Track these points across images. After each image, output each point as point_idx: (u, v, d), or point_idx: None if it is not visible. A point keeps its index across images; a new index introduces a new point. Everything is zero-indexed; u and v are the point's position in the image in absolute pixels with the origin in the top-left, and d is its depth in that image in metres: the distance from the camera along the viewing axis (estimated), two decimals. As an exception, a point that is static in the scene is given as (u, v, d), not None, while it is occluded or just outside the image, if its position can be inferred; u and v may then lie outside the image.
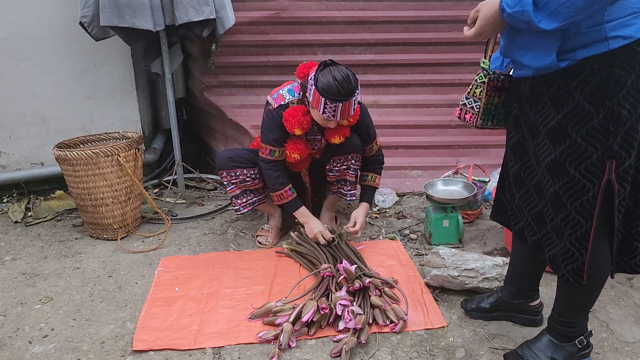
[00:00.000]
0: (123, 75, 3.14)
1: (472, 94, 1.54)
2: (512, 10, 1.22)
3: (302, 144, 2.29)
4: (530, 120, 1.42)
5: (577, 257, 1.38)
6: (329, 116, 2.08)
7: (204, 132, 3.78)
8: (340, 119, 2.10)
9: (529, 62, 1.33)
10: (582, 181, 1.32)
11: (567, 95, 1.29)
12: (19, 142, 3.12)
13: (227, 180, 2.41)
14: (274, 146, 2.27)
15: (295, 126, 2.20)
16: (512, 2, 1.22)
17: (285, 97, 2.25)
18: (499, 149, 3.18)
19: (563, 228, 1.39)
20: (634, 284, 2.09)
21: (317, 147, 2.41)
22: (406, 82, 3.29)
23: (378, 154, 2.52)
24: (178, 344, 1.78)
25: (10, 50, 2.93)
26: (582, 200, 1.34)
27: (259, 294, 2.07)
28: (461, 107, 1.58)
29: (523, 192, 1.54)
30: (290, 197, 2.31)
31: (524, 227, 1.58)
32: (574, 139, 1.30)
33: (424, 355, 1.71)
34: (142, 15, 2.52)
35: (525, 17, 1.20)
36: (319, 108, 2.08)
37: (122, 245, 2.56)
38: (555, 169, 1.36)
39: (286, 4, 3.15)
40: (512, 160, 1.56)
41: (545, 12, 1.17)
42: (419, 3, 3.21)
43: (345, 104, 2.04)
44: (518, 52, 1.37)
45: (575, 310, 1.54)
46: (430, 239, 2.46)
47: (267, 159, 2.29)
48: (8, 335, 1.88)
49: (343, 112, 2.07)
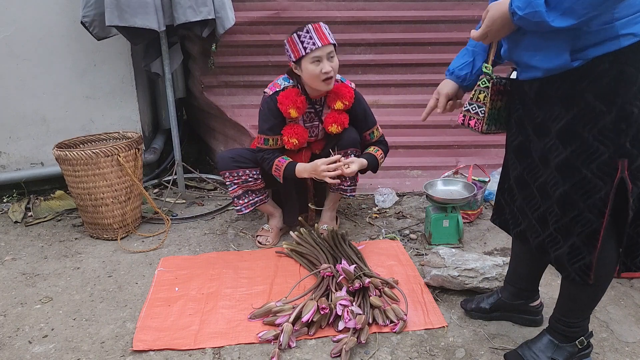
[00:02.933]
0: (123, 75, 3.14)
1: (475, 99, 1.52)
2: (524, 13, 1.20)
3: (299, 127, 2.33)
4: (537, 121, 1.41)
5: (585, 255, 1.37)
6: (311, 47, 2.13)
7: (204, 132, 3.78)
8: (321, 44, 2.14)
9: (539, 63, 1.32)
10: (595, 180, 1.31)
11: (577, 94, 1.28)
12: (19, 142, 3.12)
13: (229, 181, 2.41)
14: (267, 135, 2.32)
15: (290, 106, 2.26)
16: (522, 4, 1.20)
17: (280, 84, 2.33)
18: (499, 149, 3.18)
19: (572, 227, 1.38)
20: (634, 284, 2.09)
21: (316, 134, 2.43)
22: (406, 82, 3.29)
23: (381, 140, 2.52)
24: (178, 344, 1.78)
25: (10, 50, 2.93)
26: (594, 198, 1.32)
27: (259, 294, 2.07)
28: (464, 113, 1.55)
29: (526, 194, 1.52)
30: (285, 162, 2.30)
31: (526, 230, 1.56)
32: (585, 138, 1.29)
33: (424, 355, 1.71)
34: (144, 14, 2.52)
35: (537, 18, 1.18)
36: (299, 50, 2.16)
37: (122, 245, 2.56)
38: (566, 169, 1.35)
39: (286, 4, 3.15)
40: (514, 163, 1.55)
41: (559, 10, 1.15)
42: (419, 3, 3.20)
43: (314, 25, 2.16)
44: (525, 54, 1.36)
45: (579, 311, 1.53)
46: (430, 239, 2.46)
47: (261, 147, 2.34)
48: (8, 335, 1.88)
49: (319, 35, 2.14)
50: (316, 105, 2.38)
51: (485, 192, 2.79)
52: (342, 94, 2.31)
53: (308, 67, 2.17)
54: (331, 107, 2.34)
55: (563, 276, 1.47)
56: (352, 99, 2.34)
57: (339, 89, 2.32)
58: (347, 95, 2.32)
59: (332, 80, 2.22)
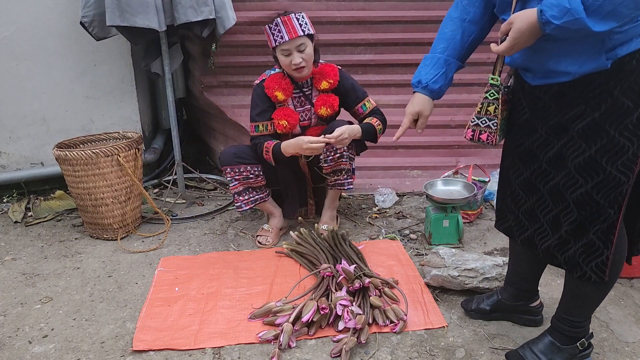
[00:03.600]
0: (123, 75, 3.14)
1: (484, 112, 1.49)
2: (562, 22, 1.15)
3: (287, 109, 2.39)
4: (551, 122, 1.40)
5: (602, 250, 1.38)
6: (279, 41, 2.22)
7: (204, 132, 3.78)
8: (288, 38, 2.21)
9: (568, 68, 1.29)
10: (618, 176, 1.31)
11: (605, 93, 1.28)
12: (19, 142, 3.12)
13: (230, 177, 2.42)
14: (257, 121, 2.40)
15: (276, 89, 2.35)
16: (558, 13, 1.15)
17: (266, 74, 2.45)
18: (498, 149, 3.17)
19: (589, 225, 1.38)
20: (634, 284, 2.09)
21: (308, 118, 2.47)
22: (406, 82, 3.25)
23: (375, 111, 2.51)
24: (178, 344, 1.78)
25: (10, 50, 2.93)
26: (615, 193, 1.33)
27: (259, 294, 2.06)
28: (473, 127, 1.52)
29: (536, 199, 1.50)
30: (272, 143, 2.33)
31: (533, 235, 1.55)
32: (612, 135, 1.29)
33: (424, 355, 1.71)
34: (145, 14, 2.53)
35: (577, 26, 1.14)
36: (272, 42, 2.26)
37: (122, 245, 2.56)
38: (588, 168, 1.34)
39: (286, 4, 3.15)
40: (519, 169, 1.53)
41: (600, 14, 1.12)
42: (419, 3, 3.20)
43: (283, 18, 2.22)
44: (549, 60, 1.33)
45: (584, 309, 1.53)
46: (430, 239, 2.46)
47: (253, 135, 2.41)
48: (8, 335, 1.88)
49: (287, 28, 2.21)
50: (304, 89, 2.45)
51: (485, 192, 2.79)
52: (326, 73, 2.40)
53: (280, 57, 2.30)
54: (318, 88, 2.42)
55: (577, 276, 1.44)
56: (336, 77, 2.42)
57: (323, 68, 2.42)
58: (330, 74, 2.40)
59: (304, 69, 2.31)
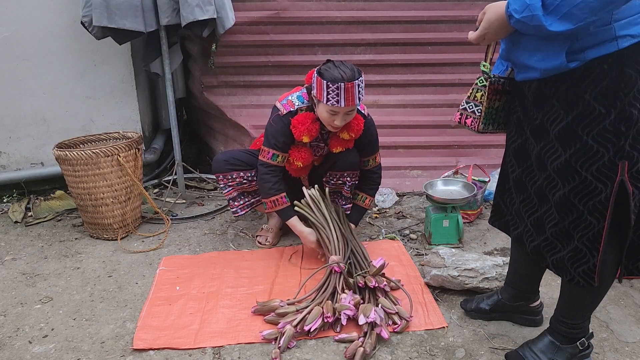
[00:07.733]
0: (123, 75, 3.14)
1: (472, 98, 1.51)
2: (521, 16, 1.19)
3: (306, 152, 2.27)
4: (535, 123, 1.40)
5: (589, 258, 1.36)
6: (333, 103, 2.03)
7: (204, 132, 3.78)
8: (344, 105, 2.03)
9: (536, 64, 1.31)
10: (594, 183, 1.30)
11: (577, 96, 1.27)
12: (19, 142, 3.12)
13: (223, 183, 2.40)
14: (277, 151, 2.22)
15: (304, 133, 2.16)
16: (520, 7, 1.18)
17: (294, 104, 2.21)
18: (499, 149, 3.18)
19: (572, 231, 1.37)
20: (634, 284, 2.09)
21: (319, 155, 2.39)
22: (406, 82, 3.29)
23: (374, 171, 2.43)
24: (178, 343, 1.78)
25: (10, 50, 2.93)
26: (594, 201, 1.31)
27: (259, 294, 2.06)
28: (461, 111, 1.54)
29: (524, 197, 1.51)
30: (285, 204, 2.24)
31: (522, 233, 1.56)
32: (585, 140, 1.28)
33: (424, 355, 1.71)
34: (132, 17, 2.54)
35: (534, 22, 1.17)
36: (322, 96, 2.04)
37: (122, 245, 2.56)
38: (565, 172, 1.34)
39: (286, 4, 3.15)
40: (513, 165, 1.54)
41: (557, 15, 1.14)
42: (419, 3, 3.20)
43: (347, 85, 2.00)
44: (523, 54, 1.35)
45: (580, 312, 1.53)
46: (430, 239, 2.46)
47: (267, 162, 2.23)
48: (8, 335, 1.88)
49: (347, 95, 2.01)
50: (323, 131, 2.31)
51: (485, 192, 2.79)
52: (351, 126, 2.22)
53: (323, 111, 2.11)
54: (338, 135, 2.27)
55: (566, 279, 1.44)
56: (359, 132, 2.26)
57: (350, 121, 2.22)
58: (355, 128, 2.22)
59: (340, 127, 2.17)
